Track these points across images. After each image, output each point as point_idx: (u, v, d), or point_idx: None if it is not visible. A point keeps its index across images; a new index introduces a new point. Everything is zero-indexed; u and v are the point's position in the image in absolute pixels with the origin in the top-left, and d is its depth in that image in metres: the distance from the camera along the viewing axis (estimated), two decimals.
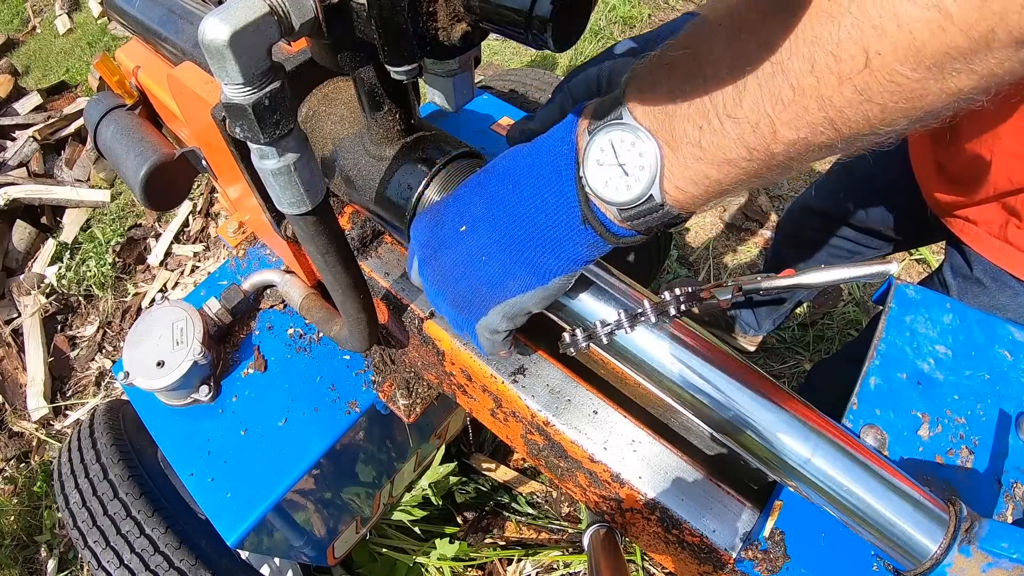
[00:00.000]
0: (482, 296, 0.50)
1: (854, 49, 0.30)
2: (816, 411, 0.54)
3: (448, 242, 0.51)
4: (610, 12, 3.06)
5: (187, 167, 0.91)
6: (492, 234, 0.48)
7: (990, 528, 0.47)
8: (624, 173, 0.40)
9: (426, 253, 0.53)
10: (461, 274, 0.50)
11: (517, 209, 0.47)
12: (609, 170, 0.41)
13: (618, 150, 0.40)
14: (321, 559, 1.21)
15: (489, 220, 0.48)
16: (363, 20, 0.47)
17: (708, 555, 0.64)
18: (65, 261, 2.34)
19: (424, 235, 0.54)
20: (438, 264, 0.52)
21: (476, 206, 0.49)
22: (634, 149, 0.40)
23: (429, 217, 0.55)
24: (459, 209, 0.51)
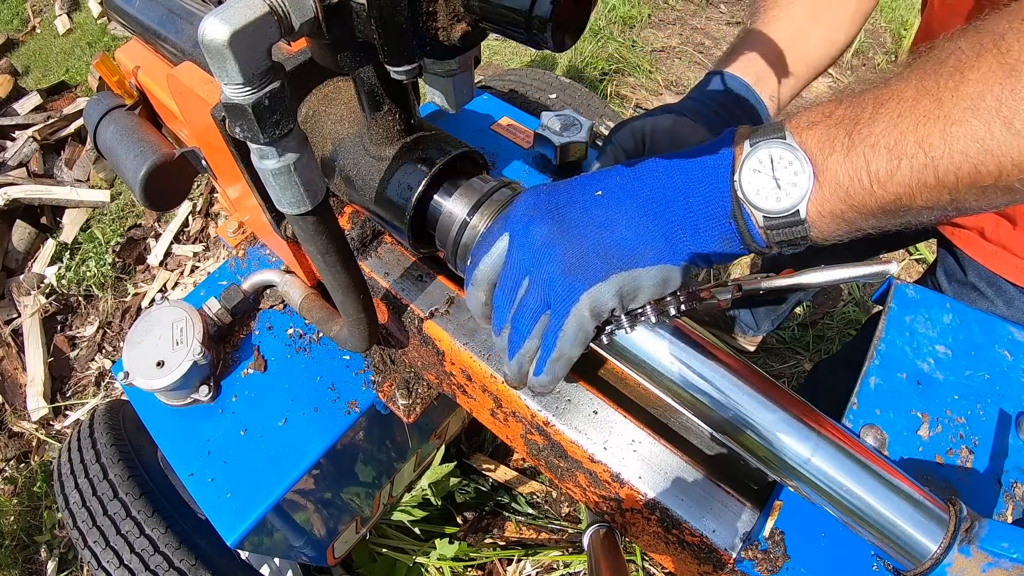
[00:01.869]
0: (607, 258, 0.48)
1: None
2: (816, 411, 0.54)
3: (577, 201, 0.49)
4: (610, 12, 3.06)
5: (187, 167, 0.91)
6: (633, 203, 0.48)
7: (990, 528, 0.47)
8: (777, 186, 0.44)
9: (538, 213, 0.50)
10: (588, 232, 0.48)
11: (665, 190, 0.48)
12: (763, 179, 0.45)
13: (776, 164, 0.44)
14: (321, 559, 1.21)
15: (630, 192, 0.49)
16: (363, 20, 0.47)
17: (708, 555, 0.64)
18: (65, 261, 2.34)
19: (539, 199, 0.51)
20: (559, 220, 0.49)
21: (615, 179, 0.50)
22: (790, 168, 0.44)
23: (544, 188, 0.52)
24: (592, 179, 0.51)
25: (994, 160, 0.38)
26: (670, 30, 3.08)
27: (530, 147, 1.12)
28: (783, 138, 0.45)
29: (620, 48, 2.89)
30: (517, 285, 0.51)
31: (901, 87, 0.41)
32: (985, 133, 0.38)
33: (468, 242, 0.63)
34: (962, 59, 0.39)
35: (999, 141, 0.37)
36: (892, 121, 0.41)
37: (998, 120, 0.37)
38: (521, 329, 0.51)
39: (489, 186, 0.64)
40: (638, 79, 2.81)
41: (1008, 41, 0.38)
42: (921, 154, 0.39)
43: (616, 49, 2.87)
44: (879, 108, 0.42)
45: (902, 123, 0.40)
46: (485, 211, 0.62)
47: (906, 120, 0.40)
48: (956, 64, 0.39)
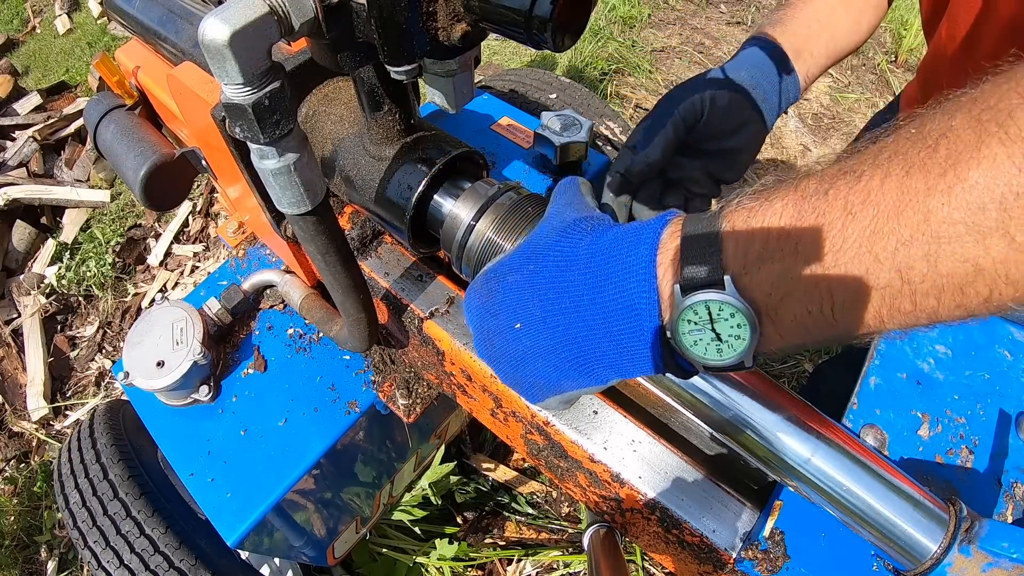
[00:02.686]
0: (538, 387, 0.50)
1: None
2: (816, 411, 0.54)
3: (502, 334, 0.49)
4: (610, 12, 3.06)
5: (187, 167, 0.91)
6: (549, 341, 0.46)
7: (990, 528, 0.47)
8: (717, 339, 0.39)
9: (480, 336, 0.53)
10: (516, 366, 0.50)
11: (580, 329, 0.44)
12: (701, 333, 0.39)
13: (715, 318, 0.38)
14: (321, 559, 1.21)
15: (546, 327, 0.46)
16: (363, 20, 0.47)
17: (708, 555, 0.64)
18: (65, 261, 2.33)
19: (477, 318, 0.52)
20: (493, 351, 0.51)
21: (532, 308, 0.47)
22: (732, 320, 0.38)
23: (482, 297, 0.52)
24: (515, 304, 0.49)
25: (986, 281, 0.30)
26: (670, 30, 3.08)
27: (530, 147, 1.12)
28: (722, 287, 0.37)
29: (620, 48, 2.89)
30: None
31: (879, 188, 0.32)
32: (980, 252, 0.30)
33: (472, 245, 0.63)
34: (957, 148, 0.30)
35: (995, 258, 0.30)
36: (865, 241, 0.32)
37: (998, 235, 0.29)
38: None
39: (494, 190, 0.64)
40: (638, 79, 2.81)
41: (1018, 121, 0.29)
42: (898, 280, 0.32)
43: (616, 49, 2.87)
44: (849, 222, 0.33)
45: (878, 244, 0.32)
46: (490, 215, 0.62)
47: (883, 240, 0.32)
48: (950, 156, 0.30)
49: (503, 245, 0.61)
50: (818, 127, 2.66)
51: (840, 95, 2.76)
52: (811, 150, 2.57)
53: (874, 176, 0.33)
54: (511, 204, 0.62)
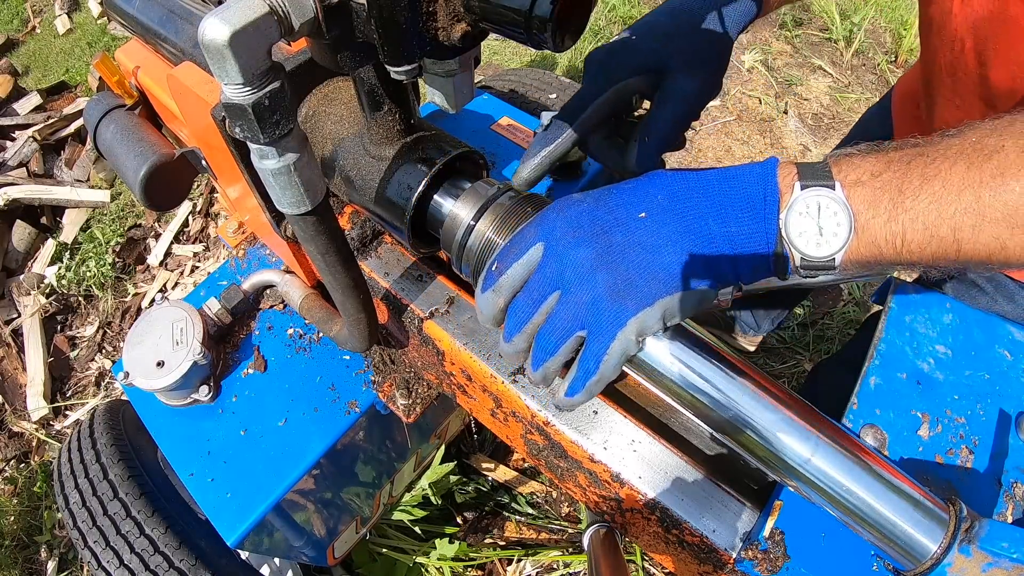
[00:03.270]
0: (653, 283, 0.48)
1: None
2: (816, 411, 0.54)
3: (623, 224, 0.49)
4: (610, 12, 3.06)
5: (187, 167, 0.91)
6: (679, 229, 0.49)
7: (990, 528, 0.47)
8: (819, 232, 0.46)
9: (581, 232, 0.49)
10: (634, 256, 0.48)
11: (711, 221, 0.49)
12: (808, 224, 0.47)
13: (822, 211, 0.46)
14: (321, 559, 1.21)
15: (676, 214, 0.49)
16: (363, 20, 0.47)
17: (708, 555, 0.64)
18: (65, 261, 2.33)
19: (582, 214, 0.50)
20: (606, 244, 0.49)
21: (659, 200, 0.50)
22: (835, 218, 0.46)
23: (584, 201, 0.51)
24: (634, 197, 0.50)
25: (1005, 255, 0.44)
26: None
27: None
28: (832, 188, 0.46)
29: None
30: (543, 298, 0.51)
31: (948, 170, 0.44)
32: (1008, 236, 0.43)
33: (473, 246, 0.63)
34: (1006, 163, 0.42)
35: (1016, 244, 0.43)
36: (934, 202, 0.44)
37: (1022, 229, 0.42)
38: (547, 346, 0.51)
39: (494, 190, 0.64)
40: None
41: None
42: (951, 237, 0.44)
43: None
44: (924, 184, 0.44)
45: (942, 207, 0.43)
46: (490, 215, 0.62)
47: (946, 206, 0.43)
48: (1000, 166, 0.42)
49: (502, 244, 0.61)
50: (818, 127, 2.66)
51: (840, 95, 2.76)
52: (811, 150, 2.57)
53: (944, 162, 0.44)
54: (511, 204, 0.62)
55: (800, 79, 2.83)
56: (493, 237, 0.61)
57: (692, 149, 2.57)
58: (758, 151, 2.55)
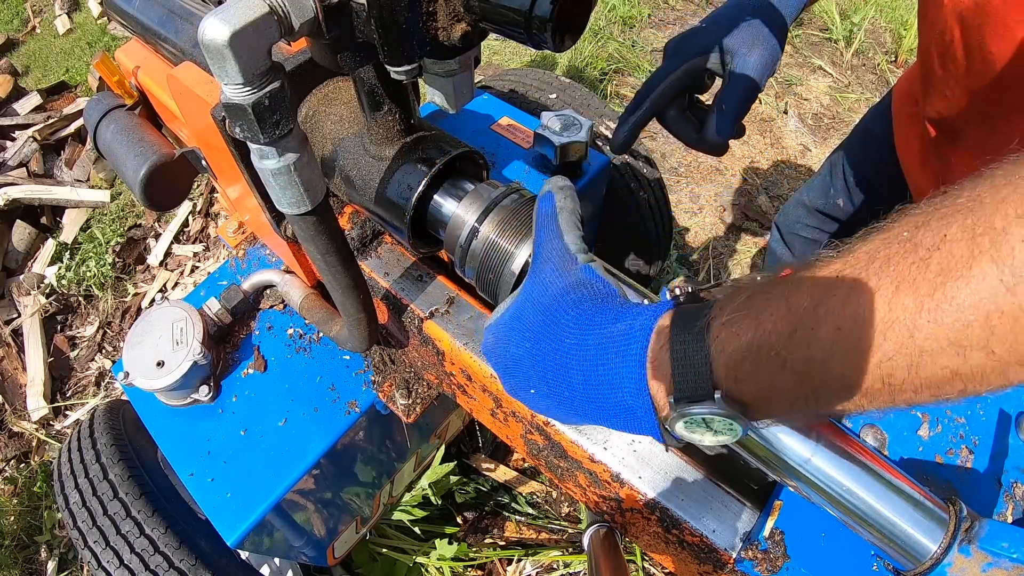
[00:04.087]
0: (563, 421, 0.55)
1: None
2: None
3: (521, 391, 0.54)
4: (610, 12, 3.06)
5: (187, 167, 0.91)
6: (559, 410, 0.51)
7: (990, 528, 0.47)
8: (713, 433, 0.43)
9: (504, 384, 0.56)
10: (542, 411, 0.54)
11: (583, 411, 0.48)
12: (696, 432, 0.43)
13: (709, 423, 0.41)
14: (321, 559, 1.21)
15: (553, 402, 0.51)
16: (363, 20, 0.47)
17: (708, 555, 0.64)
18: (65, 261, 2.33)
19: (501, 372, 0.55)
20: (517, 397, 0.55)
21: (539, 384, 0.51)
22: (724, 421, 0.41)
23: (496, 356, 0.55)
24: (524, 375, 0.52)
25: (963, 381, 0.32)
26: (670, 30, 3.08)
27: (530, 147, 1.12)
28: (713, 402, 0.40)
29: (620, 48, 2.89)
30: None
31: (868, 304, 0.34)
32: (960, 362, 0.32)
33: (476, 249, 0.63)
34: (950, 263, 0.31)
35: (973, 367, 0.31)
36: (851, 356, 0.34)
37: (978, 349, 0.31)
38: None
39: (497, 192, 0.64)
40: (638, 79, 2.81)
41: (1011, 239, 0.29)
42: (880, 384, 0.34)
43: (616, 49, 2.87)
44: (839, 336, 0.35)
45: (863, 359, 0.34)
46: (494, 218, 0.62)
47: (869, 355, 0.34)
48: (941, 270, 0.31)
49: (507, 248, 0.61)
50: (818, 127, 2.66)
51: (840, 95, 2.76)
52: (811, 150, 2.57)
53: (862, 293, 0.34)
54: (514, 207, 0.62)
55: (800, 79, 2.83)
56: (496, 240, 0.61)
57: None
58: (758, 151, 2.55)
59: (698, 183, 2.46)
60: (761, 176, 2.48)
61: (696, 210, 2.37)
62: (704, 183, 2.46)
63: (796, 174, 2.49)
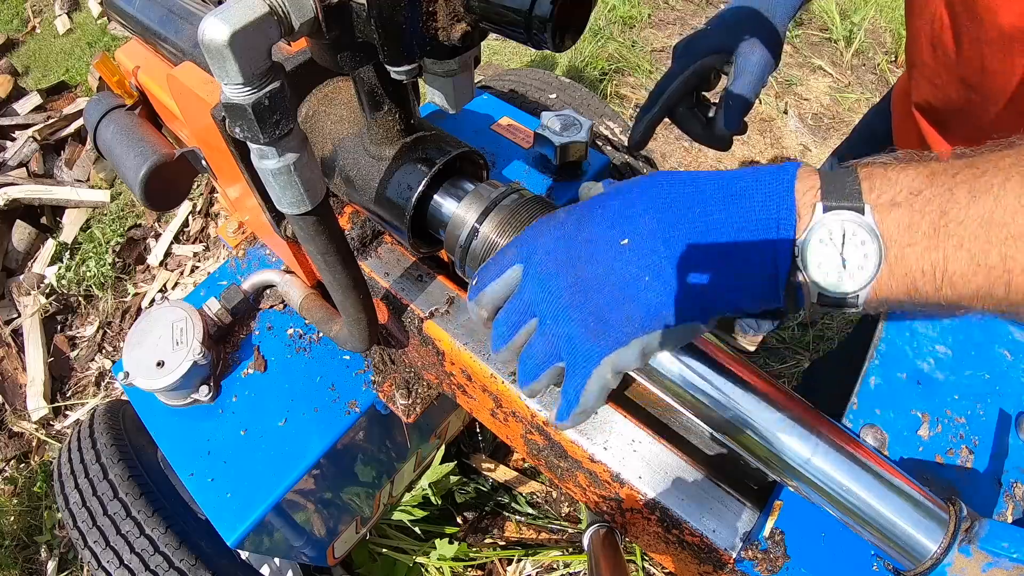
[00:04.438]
0: (630, 323, 0.44)
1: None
2: (816, 411, 0.54)
3: (601, 254, 0.44)
4: (610, 12, 3.06)
5: (187, 167, 0.91)
6: (665, 256, 0.43)
7: (990, 528, 0.47)
8: (843, 265, 0.39)
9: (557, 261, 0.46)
10: (610, 292, 0.44)
11: (707, 247, 0.42)
12: (829, 253, 0.40)
13: (847, 240, 0.39)
14: (321, 559, 1.21)
15: (664, 241, 0.43)
16: (363, 20, 0.47)
17: (708, 555, 0.64)
18: (65, 261, 2.33)
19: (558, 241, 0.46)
20: (581, 276, 0.45)
21: (644, 220, 0.44)
22: (862, 248, 0.39)
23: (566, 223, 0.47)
24: (619, 219, 0.44)
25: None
26: (670, 30, 3.08)
27: (530, 147, 1.12)
28: (861, 211, 0.39)
29: (620, 48, 2.89)
30: (522, 323, 0.49)
31: (1000, 185, 0.36)
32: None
33: (477, 249, 0.62)
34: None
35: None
36: (983, 224, 0.36)
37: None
38: (528, 370, 0.50)
39: (498, 192, 0.64)
40: (638, 79, 2.81)
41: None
42: (1001, 267, 0.36)
43: (616, 49, 2.87)
44: (973, 203, 0.37)
45: (992, 231, 0.36)
46: (494, 218, 0.62)
47: (998, 230, 0.36)
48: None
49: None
50: (818, 127, 2.66)
51: (840, 95, 2.76)
52: (811, 150, 2.57)
53: (996, 175, 0.37)
54: (515, 206, 0.62)
55: (800, 79, 2.83)
56: (497, 239, 0.61)
57: (692, 149, 2.57)
58: (758, 151, 2.55)
59: None
60: None
61: None
62: None
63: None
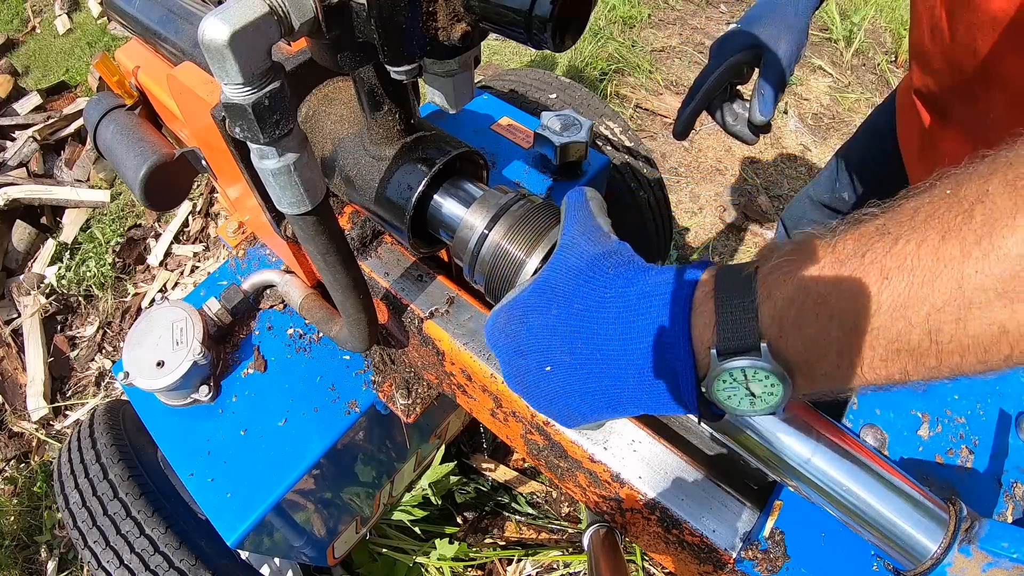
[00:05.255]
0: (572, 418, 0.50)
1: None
2: (816, 411, 0.54)
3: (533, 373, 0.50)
4: (610, 12, 3.06)
5: (187, 167, 0.91)
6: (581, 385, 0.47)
7: (990, 528, 0.47)
8: (751, 395, 0.40)
9: (509, 371, 0.52)
10: (549, 401, 0.50)
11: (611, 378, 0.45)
12: (735, 390, 0.40)
13: (750, 379, 0.39)
14: (321, 559, 1.21)
15: (577, 373, 0.46)
16: (363, 20, 0.47)
17: (708, 555, 0.64)
18: (65, 261, 2.33)
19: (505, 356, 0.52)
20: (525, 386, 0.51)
21: (561, 354, 0.47)
22: (767, 381, 0.39)
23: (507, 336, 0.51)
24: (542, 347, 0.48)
25: (1010, 341, 0.32)
26: (670, 30, 3.08)
27: (530, 147, 1.12)
28: (758, 352, 0.38)
29: (620, 48, 2.89)
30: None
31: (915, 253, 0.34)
32: (1007, 315, 0.31)
33: (485, 255, 0.62)
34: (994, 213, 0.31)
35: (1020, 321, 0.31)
36: (899, 307, 0.34)
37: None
38: None
39: (507, 198, 0.63)
40: (638, 79, 2.81)
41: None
42: (927, 341, 0.34)
43: (616, 49, 2.87)
44: (885, 285, 0.34)
45: (911, 310, 0.33)
46: (503, 224, 0.61)
47: (917, 307, 0.33)
48: (985, 222, 0.31)
49: (516, 255, 0.60)
50: (818, 127, 2.66)
51: (840, 95, 2.76)
52: (811, 150, 2.57)
53: (910, 240, 0.34)
54: (524, 212, 0.62)
55: (800, 79, 2.83)
56: (506, 246, 0.61)
57: (692, 149, 2.57)
58: (758, 151, 2.55)
59: (698, 183, 2.46)
60: (761, 176, 2.48)
61: (696, 210, 2.37)
62: (704, 183, 2.46)
63: (796, 174, 2.49)
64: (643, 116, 2.70)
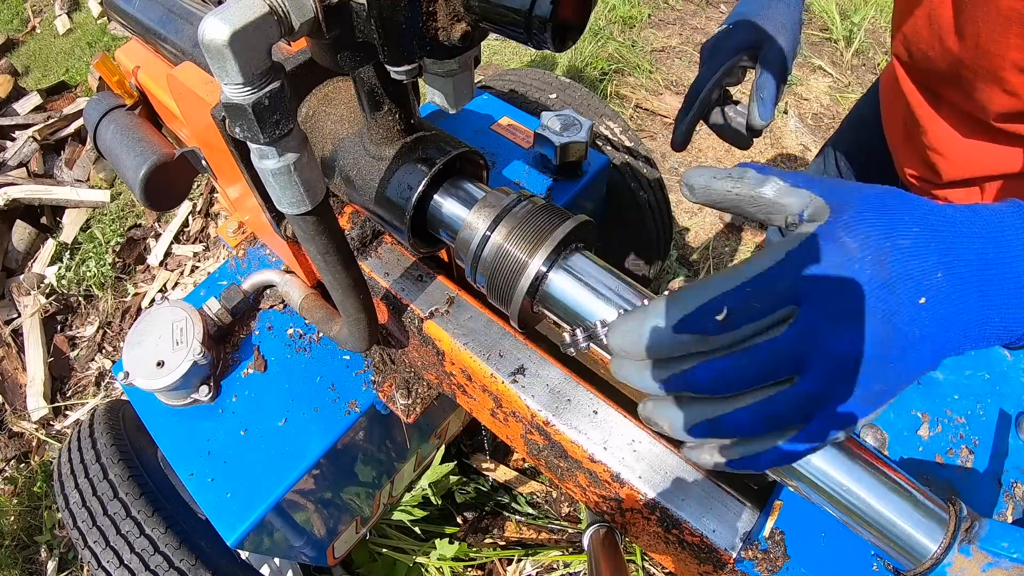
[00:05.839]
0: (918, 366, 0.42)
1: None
2: None
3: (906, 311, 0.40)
4: (610, 12, 3.06)
5: (187, 167, 0.91)
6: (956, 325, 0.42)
7: (990, 528, 0.47)
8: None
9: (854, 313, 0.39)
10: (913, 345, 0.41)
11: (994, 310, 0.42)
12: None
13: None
14: (321, 559, 1.21)
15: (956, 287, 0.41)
16: (363, 20, 0.47)
17: (708, 555, 0.64)
18: (65, 261, 2.34)
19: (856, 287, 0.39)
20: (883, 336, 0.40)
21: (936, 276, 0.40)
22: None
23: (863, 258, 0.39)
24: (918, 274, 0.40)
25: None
26: (670, 30, 3.08)
27: (530, 147, 1.12)
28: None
29: (620, 48, 2.89)
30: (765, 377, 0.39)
31: None
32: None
33: (487, 256, 0.62)
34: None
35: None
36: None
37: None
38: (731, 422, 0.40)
39: (509, 199, 0.63)
40: (638, 79, 2.81)
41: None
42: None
43: (616, 49, 2.87)
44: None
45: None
46: (506, 225, 0.61)
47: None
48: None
49: (519, 256, 0.60)
50: (818, 127, 2.66)
51: (840, 95, 2.76)
52: (811, 150, 2.57)
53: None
54: (526, 214, 0.62)
55: (800, 79, 2.83)
56: (509, 248, 0.61)
57: (692, 149, 2.57)
58: (758, 151, 2.55)
59: None
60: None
61: (696, 210, 2.37)
62: None
63: None
64: (643, 116, 2.70)
